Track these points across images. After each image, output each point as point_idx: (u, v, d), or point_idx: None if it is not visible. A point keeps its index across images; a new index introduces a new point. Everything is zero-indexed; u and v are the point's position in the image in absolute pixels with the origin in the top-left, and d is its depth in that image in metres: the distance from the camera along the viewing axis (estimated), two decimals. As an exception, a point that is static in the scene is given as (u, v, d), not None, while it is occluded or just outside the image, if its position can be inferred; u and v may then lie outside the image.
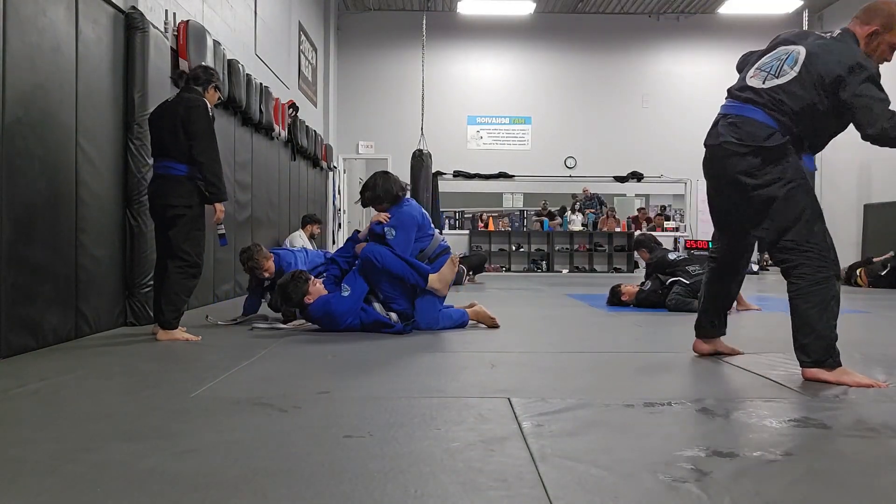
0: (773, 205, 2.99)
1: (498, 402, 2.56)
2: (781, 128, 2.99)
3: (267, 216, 8.62)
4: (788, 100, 2.98)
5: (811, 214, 2.97)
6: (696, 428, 2.30)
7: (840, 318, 2.96)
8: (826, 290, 2.90)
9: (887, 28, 2.96)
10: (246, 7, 8.16)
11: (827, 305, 2.90)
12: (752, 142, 3.01)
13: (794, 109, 2.97)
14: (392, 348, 3.89)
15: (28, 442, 2.07)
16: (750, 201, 3.06)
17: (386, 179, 4.72)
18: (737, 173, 3.07)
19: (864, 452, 2.05)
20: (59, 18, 4.01)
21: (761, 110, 3.02)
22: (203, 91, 4.34)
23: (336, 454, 1.94)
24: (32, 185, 3.73)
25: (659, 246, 6.92)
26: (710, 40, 14.86)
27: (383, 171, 4.87)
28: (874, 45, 2.98)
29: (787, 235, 2.97)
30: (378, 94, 14.84)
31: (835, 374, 2.88)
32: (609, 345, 4.28)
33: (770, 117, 3.00)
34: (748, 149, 3.02)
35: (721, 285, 3.41)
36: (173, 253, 4.18)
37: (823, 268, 2.92)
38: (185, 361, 3.61)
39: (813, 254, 2.93)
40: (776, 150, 2.98)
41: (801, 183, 2.98)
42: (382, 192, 4.68)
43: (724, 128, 3.13)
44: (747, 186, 3.05)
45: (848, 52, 2.93)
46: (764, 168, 3.00)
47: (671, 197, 16.21)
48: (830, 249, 2.96)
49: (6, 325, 3.46)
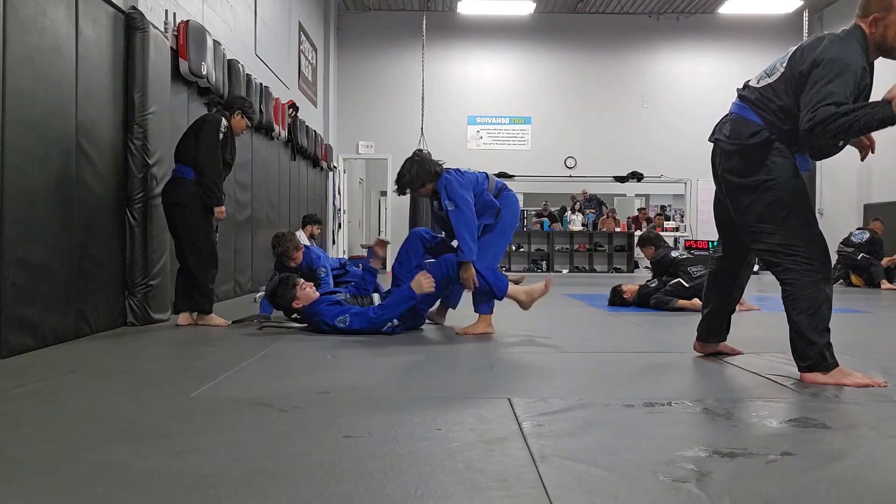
0: (758, 207, 2.96)
1: (498, 402, 2.56)
2: (768, 126, 2.96)
3: (267, 216, 8.62)
4: (775, 97, 2.95)
5: (798, 217, 2.92)
6: (697, 428, 2.30)
7: (840, 318, 2.96)
8: (814, 294, 2.87)
9: (888, 9, 2.83)
10: (246, 7, 8.16)
11: (817, 310, 2.87)
12: (738, 139, 3.01)
13: (781, 106, 2.93)
14: (392, 348, 3.89)
15: (28, 442, 2.07)
16: (736, 201, 3.05)
17: (418, 164, 4.68)
18: (724, 171, 3.08)
19: (863, 452, 2.05)
20: (59, 18, 4.01)
21: (751, 109, 3.02)
22: (230, 115, 4.90)
23: (336, 454, 1.94)
24: (32, 185, 3.73)
25: (664, 244, 6.94)
26: (710, 40, 14.86)
27: (411, 157, 4.81)
28: (881, 31, 2.85)
29: (773, 239, 2.94)
30: (378, 94, 14.84)
31: (832, 376, 2.87)
32: (609, 345, 4.28)
33: (758, 115, 2.99)
34: (735, 147, 3.02)
35: (721, 290, 3.37)
36: (188, 248, 4.71)
37: (811, 272, 2.88)
38: (185, 361, 3.61)
39: (800, 258, 2.89)
40: (759, 148, 2.95)
41: (788, 185, 2.93)
42: (416, 175, 4.63)
43: (721, 125, 3.14)
44: (732, 185, 3.04)
45: (828, 46, 2.83)
46: (750, 168, 2.97)
47: (671, 197, 16.20)
48: (819, 252, 2.91)
49: (6, 325, 3.46)
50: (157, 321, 4.83)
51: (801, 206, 2.95)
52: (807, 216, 2.95)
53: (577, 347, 4.10)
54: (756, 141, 2.96)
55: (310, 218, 9.58)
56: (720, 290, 3.38)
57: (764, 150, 2.95)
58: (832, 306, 2.93)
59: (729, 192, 3.08)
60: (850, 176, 13.56)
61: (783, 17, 14.22)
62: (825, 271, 2.90)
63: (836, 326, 2.98)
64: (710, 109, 12.97)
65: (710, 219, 15.25)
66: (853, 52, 2.81)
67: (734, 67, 13.60)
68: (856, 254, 10.31)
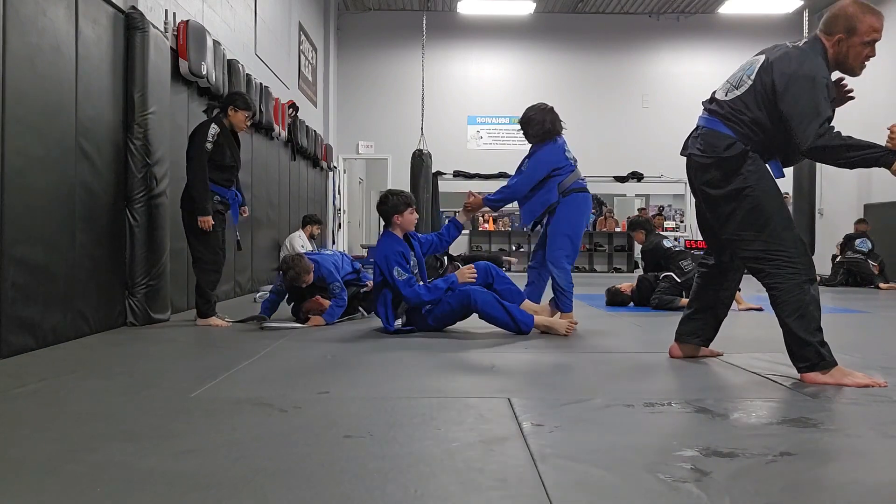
0: (737, 215, 3.01)
1: (498, 402, 2.56)
2: (742, 138, 3.01)
3: (267, 216, 8.62)
4: (746, 110, 3.01)
5: (778, 222, 2.96)
6: (696, 428, 2.30)
7: (840, 318, 2.96)
8: (800, 296, 2.89)
9: (851, 32, 2.90)
10: (246, 7, 8.16)
11: (804, 312, 2.89)
12: (713, 153, 3.06)
13: (752, 119, 2.99)
14: (392, 348, 3.90)
15: (28, 442, 2.07)
16: (716, 212, 3.10)
17: (541, 112, 4.77)
18: (701, 185, 3.13)
19: (863, 452, 2.05)
20: (59, 18, 4.01)
21: (722, 122, 3.06)
22: (224, 115, 4.92)
23: (336, 454, 1.94)
24: (32, 185, 3.73)
25: (654, 230, 6.91)
26: (709, 40, 14.85)
27: (540, 106, 4.85)
28: (844, 51, 2.93)
29: (755, 245, 2.98)
30: (378, 94, 14.84)
31: (832, 375, 2.88)
32: (609, 345, 4.28)
33: (729, 128, 3.04)
34: (710, 160, 3.07)
35: (707, 294, 3.36)
36: (193, 254, 4.89)
37: (794, 274, 2.90)
38: (185, 361, 3.62)
39: (782, 261, 2.92)
40: (734, 159, 3.00)
41: (765, 191, 2.98)
42: (534, 125, 4.76)
43: (692, 140, 3.20)
44: (710, 197, 3.10)
45: (799, 61, 2.89)
46: (726, 179, 3.02)
47: (671, 197, 16.18)
48: (800, 255, 2.94)
49: (6, 325, 3.46)
50: (157, 321, 4.83)
51: (779, 211, 3.00)
52: (785, 220, 2.99)
53: (576, 347, 4.10)
54: (731, 153, 3.01)
55: (310, 218, 9.58)
56: (706, 294, 3.37)
57: (739, 160, 3.01)
58: (821, 306, 2.95)
59: (708, 203, 3.14)
60: (850, 176, 13.55)
61: (783, 17, 14.22)
62: (808, 272, 2.93)
63: (836, 326, 2.98)
64: (710, 109, 13.00)
65: (710, 219, 15.28)
66: (821, 68, 2.90)
67: (734, 67, 13.47)
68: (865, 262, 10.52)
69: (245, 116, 4.99)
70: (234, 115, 4.94)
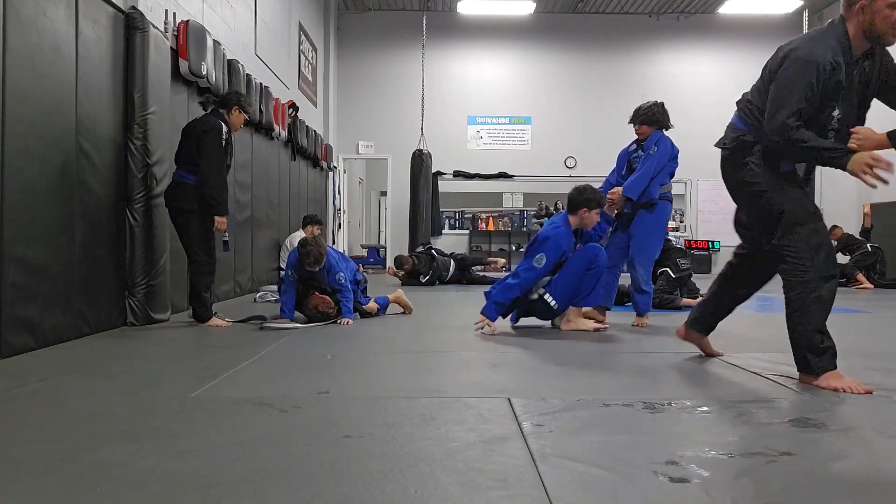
0: (753, 210, 3.03)
1: (498, 402, 2.56)
2: (752, 130, 2.99)
3: (267, 216, 8.62)
4: (754, 100, 3.00)
5: (790, 217, 2.88)
6: (696, 428, 2.30)
7: (840, 318, 2.95)
8: (805, 294, 2.83)
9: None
10: (246, 7, 8.16)
11: (806, 310, 2.83)
12: (724, 145, 3.10)
13: (759, 108, 2.96)
14: (392, 348, 3.90)
15: (28, 442, 2.07)
16: (739, 203, 3.15)
17: (658, 105, 5.23)
18: (723, 176, 3.16)
19: (863, 452, 2.05)
20: (59, 18, 4.01)
21: (737, 115, 3.09)
22: (227, 113, 4.90)
23: (336, 454, 1.94)
24: (32, 185, 3.73)
25: None
26: (709, 40, 14.84)
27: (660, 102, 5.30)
28: (869, 19, 2.77)
29: (770, 240, 2.97)
30: (378, 94, 14.83)
31: (823, 379, 2.84)
32: (609, 345, 4.28)
33: (741, 120, 3.04)
34: (726, 152, 3.10)
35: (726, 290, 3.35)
36: (188, 255, 4.81)
37: (802, 271, 2.84)
38: (185, 361, 3.62)
39: (790, 257, 2.87)
40: (738, 151, 3.01)
41: (772, 185, 2.94)
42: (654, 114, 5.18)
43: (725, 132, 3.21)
44: (728, 188, 3.13)
45: (801, 43, 2.85)
46: (735, 170, 3.04)
47: (671, 197, 16.19)
48: (811, 252, 2.84)
49: (6, 325, 3.46)
50: (157, 321, 4.83)
51: (793, 207, 2.90)
52: (800, 216, 2.89)
53: (576, 347, 4.10)
54: (736, 145, 3.02)
55: (310, 218, 9.57)
56: (726, 290, 3.35)
57: (743, 152, 3.00)
58: (827, 306, 2.85)
59: (731, 194, 3.15)
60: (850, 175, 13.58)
61: (783, 17, 14.21)
62: (820, 270, 2.82)
63: (836, 327, 2.97)
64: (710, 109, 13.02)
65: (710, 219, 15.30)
66: (822, 50, 2.78)
67: (734, 67, 13.60)
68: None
69: (244, 120, 5.04)
70: (237, 116, 4.95)
